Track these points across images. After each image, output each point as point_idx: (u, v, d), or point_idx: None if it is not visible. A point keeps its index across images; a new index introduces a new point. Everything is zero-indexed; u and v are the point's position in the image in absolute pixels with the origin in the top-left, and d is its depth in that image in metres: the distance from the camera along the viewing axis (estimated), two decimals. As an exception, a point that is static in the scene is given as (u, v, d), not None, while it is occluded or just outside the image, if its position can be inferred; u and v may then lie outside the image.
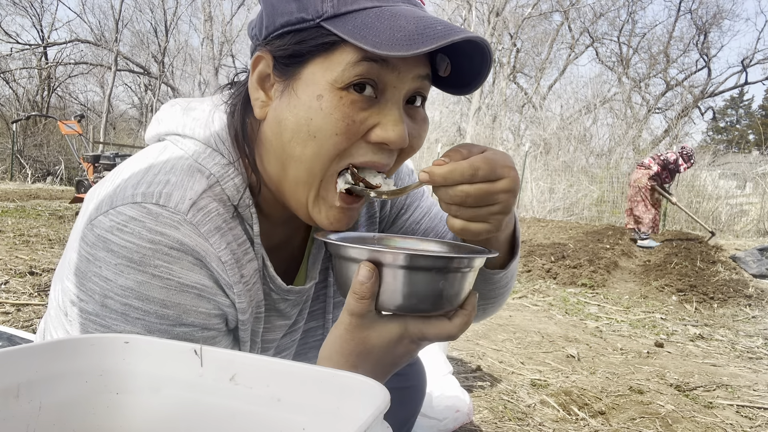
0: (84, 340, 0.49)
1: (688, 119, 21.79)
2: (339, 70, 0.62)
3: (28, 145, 15.16)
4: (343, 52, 0.62)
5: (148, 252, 0.61)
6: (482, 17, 20.83)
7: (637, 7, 23.19)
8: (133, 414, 0.49)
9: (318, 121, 0.63)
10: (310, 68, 0.64)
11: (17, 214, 6.79)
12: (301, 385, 0.45)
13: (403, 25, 0.59)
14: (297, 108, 0.64)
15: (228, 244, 0.67)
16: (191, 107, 0.76)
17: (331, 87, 0.63)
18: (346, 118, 0.63)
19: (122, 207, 0.63)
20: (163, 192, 0.64)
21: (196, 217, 0.64)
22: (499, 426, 2.02)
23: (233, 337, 0.74)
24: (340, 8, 0.61)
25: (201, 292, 0.65)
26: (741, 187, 13.57)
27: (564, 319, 3.71)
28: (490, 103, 20.58)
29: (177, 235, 0.63)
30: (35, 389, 0.45)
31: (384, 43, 0.57)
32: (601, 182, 13.69)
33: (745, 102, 32.24)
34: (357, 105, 0.63)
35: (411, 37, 0.58)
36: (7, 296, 3.14)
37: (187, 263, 0.63)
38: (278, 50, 0.65)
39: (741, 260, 6.45)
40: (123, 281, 0.62)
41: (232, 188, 0.70)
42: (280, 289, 0.78)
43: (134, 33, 23.83)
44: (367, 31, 0.59)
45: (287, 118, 0.65)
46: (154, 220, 0.62)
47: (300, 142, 0.65)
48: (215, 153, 0.71)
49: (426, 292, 0.62)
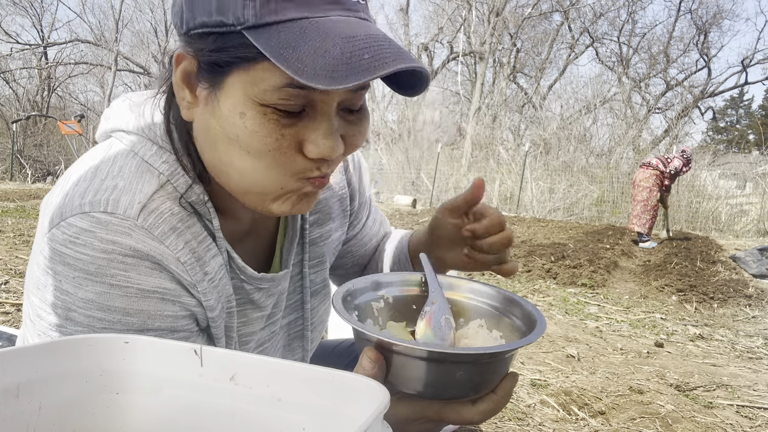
0: (84, 340, 0.49)
1: (688, 119, 21.79)
2: (262, 88, 0.57)
3: (28, 145, 15.16)
4: (266, 69, 0.56)
5: (103, 262, 0.60)
6: (482, 17, 20.84)
7: (637, 7, 23.16)
8: (133, 414, 0.49)
9: (245, 139, 0.59)
10: (231, 78, 0.59)
11: (17, 214, 6.79)
12: (301, 385, 0.45)
13: (328, 49, 0.53)
14: (222, 120, 0.60)
15: (186, 243, 0.66)
16: (136, 102, 0.73)
17: (253, 103, 0.58)
18: (273, 134, 0.59)
19: (72, 218, 0.61)
20: (110, 199, 0.62)
21: (147, 221, 0.62)
22: (499, 426, 2.03)
23: (207, 335, 0.72)
24: (263, 18, 0.55)
25: (164, 296, 0.63)
26: (741, 187, 13.57)
27: (564, 319, 3.71)
28: (490, 103, 20.59)
29: (129, 242, 0.61)
30: (35, 389, 0.45)
31: (306, 71, 0.52)
32: (601, 182, 13.70)
33: (745, 102, 32.26)
34: (282, 121, 0.59)
35: (335, 67, 0.52)
36: (7, 296, 3.14)
37: (145, 269, 0.62)
38: (199, 53, 0.60)
39: (741, 260, 6.45)
40: (83, 294, 0.61)
41: (185, 185, 0.67)
42: (252, 278, 0.76)
43: (134, 33, 23.85)
44: (290, 52, 0.53)
45: (214, 128, 0.62)
46: (104, 229, 0.60)
47: (235, 155, 0.61)
48: (162, 150, 0.68)
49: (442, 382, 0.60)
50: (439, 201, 14.99)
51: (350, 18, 0.58)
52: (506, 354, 0.62)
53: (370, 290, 0.76)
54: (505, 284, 4.76)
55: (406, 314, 0.76)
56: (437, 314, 0.69)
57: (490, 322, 0.74)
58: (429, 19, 25.23)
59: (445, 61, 23.27)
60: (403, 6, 23.50)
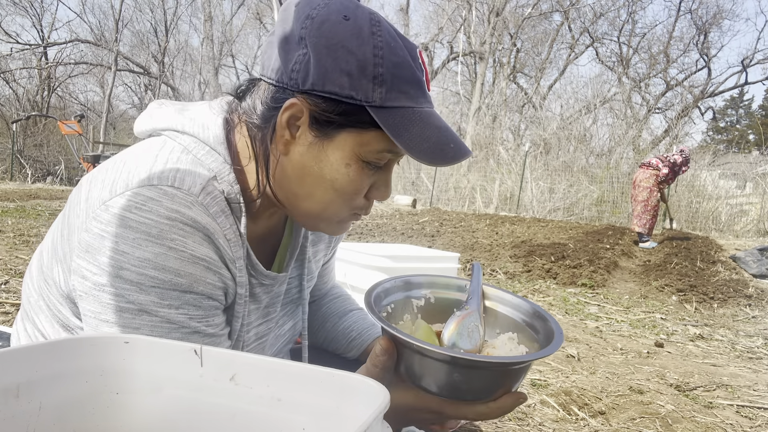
0: (84, 340, 0.49)
1: (688, 119, 21.79)
2: (368, 149, 0.75)
3: (28, 145, 15.17)
4: (375, 137, 0.74)
5: (166, 227, 0.69)
6: (482, 17, 20.84)
7: (637, 7, 23.18)
8: (133, 414, 0.49)
9: (342, 183, 0.77)
10: (343, 135, 0.75)
11: (17, 214, 6.79)
12: (301, 385, 0.45)
13: (429, 135, 0.73)
14: (324, 164, 0.76)
15: (231, 226, 0.77)
16: (184, 108, 0.84)
17: (357, 158, 0.76)
18: (363, 183, 0.78)
19: (139, 189, 0.70)
20: (177, 176, 0.72)
21: (206, 200, 0.73)
22: (499, 426, 2.03)
23: (227, 315, 0.82)
24: (386, 102, 0.73)
25: (209, 265, 0.73)
26: (741, 187, 13.58)
27: (564, 319, 3.71)
28: (490, 103, 20.59)
29: (191, 213, 0.70)
30: (35, 389, 0.45)
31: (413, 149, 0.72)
32: (601, 182, 13.70)
33: (745, 102, 32.26)
34: (370, 173, 0.78)
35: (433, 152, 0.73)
36: (7, 296, 3.14)
37: (199, 238, 0.71)
38: (318, 111, 0.74)
39: (741, 260, 6.45)
40: (140, 253, 0.68)
41: (228, 183, 0.78)
42: (260, 274, 0.86)
43: (134, 33, 23.85)
44: (402, 132, 0.72)
45: (312, 167, 0.77)
46: (170, 200, 0.70)
47: (321, 190, 0.78)
48: (212, 151, 0.78)
49: (442, 381, 0.67)
50: (439, 201, 15.00)
51: (432, 110, 0.78)
52: (505, 367, 0.67)
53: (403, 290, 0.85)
54: (505, 284, 4.76)
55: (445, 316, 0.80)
56: (468, 320, 0.75)
57: (522, 336, 0.80)
58: (429, 19, 25.23)
59: (445, 61, 23.27)
60: (403, 6, 23.50)
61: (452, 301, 0.85)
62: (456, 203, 14.98)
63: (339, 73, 0.71)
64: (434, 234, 7.94)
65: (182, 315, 0.71)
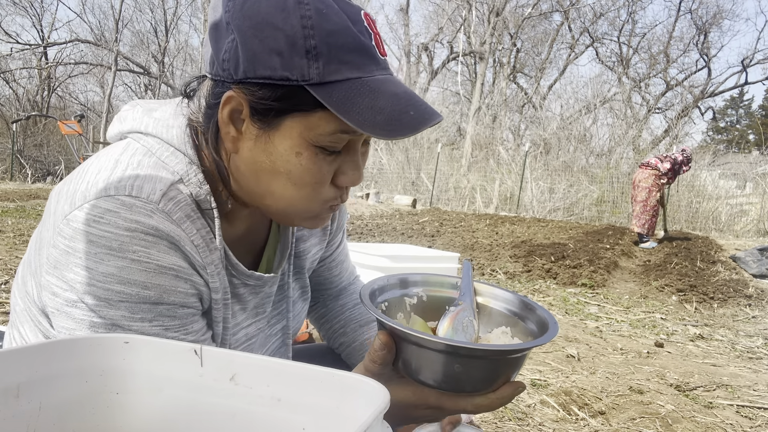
0: (84, 340, 0.49)
1: (688, 119, 21.79)
2: (317, 132, 0.68)
3: (28, 145, 15.17)
4: (322, 118, 0.67)
5: (126, 239, 0.65)
6: (482, 17, 20.85)
7: (637, 7, 23.18)
8: (133, 414, 0.49)
9: (297, 174, 0.70)
10: (288, 122, 0.68)
11: (17, 214, 6.79)
12: (301, 385, 0.45)
13: (382, 106, 0.66)
14: (274, 156, 0.70)
15: (198, 230, 0.73)
16: (152, 108, 0.80)
17: (307, 144, 0.69)
18: (321, 170, 0.71)
19: (96, 200, 0.67)
20: (134, 185, 0.68)
21: (167, 206, 0.69)
22: (499, 426, 2.03)
23: (207, 318, 0.78)
24: (326, 77, 0.65)
25: (178, 273, 0.69)
26: (741, 187, 13.57)
27: (564, 319, 3.71)
28: (490, 103, 20.59)
29: (151, 222, 0.67)
30: (35, 389, 0.45)
31: (365, 124, 0.65)
32: (601, 182, 13.70)
33: (745, 102, 32.25)
34: (327, 158, 0.71)
35: (388, 122, 0.65)
36: (7, 296, 3.14)
37: (163, 247, 0.68)
38: (256, 100, 0.68)
39: (741, 260, 6.45)
40: (104, 268, 0.65)
41: (195, 185, 0.74)
42: (242, 274, 0.82)
43: (134, 33, 23.83)
44: (350, 107, 0.65)
45: (263, 162, 0.71)
46: (128, 210, 0.66)
47: (279, 185, 0.72)
48: (177, 152, 0.75)
49: (442, 373, 0.66)
50: (439, 201, 15.00)
51: (387, 76, 0.70)
52: (504, 355, 0.66)
53: (398, 288, 0.83)
54: (506, 284, 4.76)
55: (439, 314, 0.80)
56: (462, 315, 0.75)
57: (515, 330, 0.79)
58: (429, 19, 25.23)
59: (445, 61, 23.28)
60: (403, 6, 23.50)
61: (445, 299, 0.84)
62: (456, 203, 14.98)
63: (268, 53, 0.65)
64: (434, 234, 7.94)
65: (157, 327, 0.69)
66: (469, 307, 0.76)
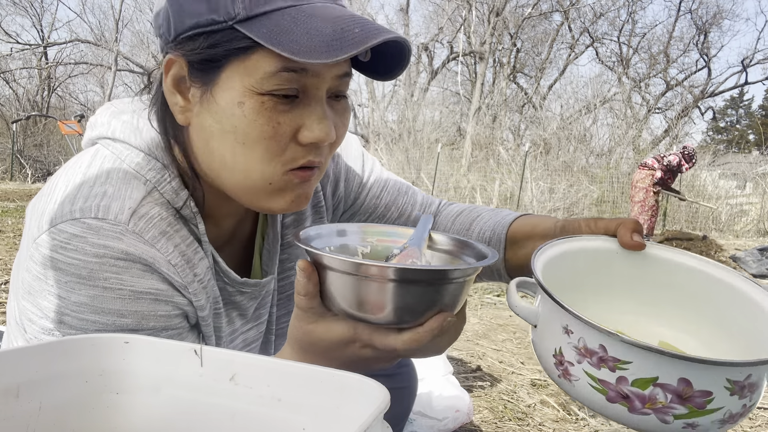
0: (84, 340, 0.49)
1: (688, 119, 21.79)
2: (258, 77, 0.61)
3: (28, 145, 15.17)
4: (260, 58, 0.60)
5: (95, 266, 0.61)
6: (482, 17, 20.84)
7: (637, 7, 23.14)
8: (133, 414, 0.49)
9: (243, 128, 0.62)
10: (226, 72, 0.62)
11: (17, 214, 6.79)
12: (301, 385, 0.45)
13: (320, 28, 0.58)
14: (218, 114, 0.63)
15: (176, 246, 0.67)
16: (121, 110, 0.75)
17: (251, 92, 0.61)
18: (271, 122, 0.62)
19: (62, 225, 0.62)
20: (101, 205, 0.63)
21: (138, 226, 0.64)
22: (499, 426, 2.03)
23: (197, 332, 0.74)
24: (253, 9, 0.59)
25: (157, 297, 0.65)
26: (741, 187, 13.57)
27: (564, 319, 3.71)
28: (490, 103, 20.59)
29: (121, 245, 0.62)
30: (35, 389, 0.45)
31: (302, 50, 0.56)
32: (601, 182, 13.70)
33: (745, 102, 32.25)
34: (279, 108, 0.62)
35: (329, 43, 0.57)
36: (7, 296, 3.14)
37: (137, 271, 0.63)
38: (191, 54, 0.62)
39: (741, 260, 6.45)
40: (76, 297, 0.61)
41: (170, 192, 0.69)
42: (235, 282, 0.78)
43: (134, 33, 23.82)
44: (283, 36, 0.57)
45: (211, 125, 0.64)
46: (95, 235, 0.61)
47: (228, 149, 0.64)
48: (148, 157, 0.69)
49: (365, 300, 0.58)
50: (439, 201, 14.97)
51: (333, 5, 0.63)
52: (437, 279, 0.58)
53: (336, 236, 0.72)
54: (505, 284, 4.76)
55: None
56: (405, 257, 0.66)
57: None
58: (429, 19, 25.22)
59: (445, 61, 23.27)
60: (403, 6, 23.50)
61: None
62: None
63: (193, 2, 0.60)
64: (434, 234, 7.93)
65: None
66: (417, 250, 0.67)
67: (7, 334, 0.87)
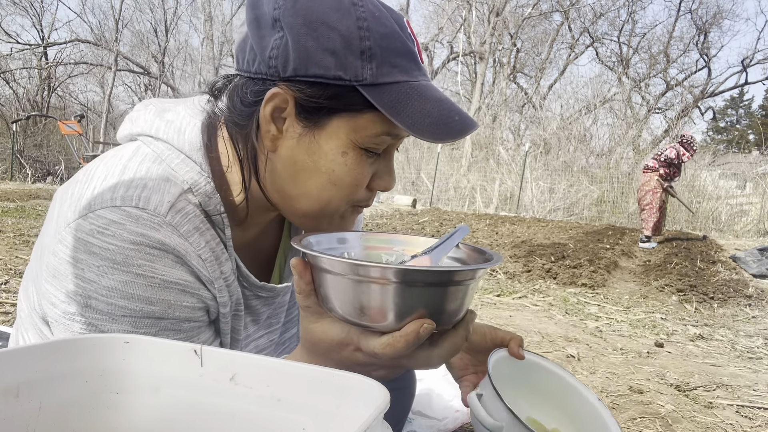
0: (84, 340, 0.49)
1: (688, 119, 21.78)
2: (364, 134, 0.68)
3: (28, 145, 15.17)
4: (371, 120, 0.67)
5: (131, 253, 0.63)
6: (482, 17, 20.84)
7: (637, 7, 23.16)
8: (133, 414, 0.49)
9: (340, 174, 0.70)
10: (335, 122, 0.68)
11: (17, 214, 6.79)
12: (301, 385, 0.45)
13: (429, 110, 0.66)
14: (317, 155, 0.69)
15: (207, 243, 0.71)
16: (165, 109, 0.77)
17: (354, 145, 0.69)
18: (363, 172, 0.71)
19: (102, 211, 0.64)
20: (142, 196, 0.66)
21: (174, 219, 0.67)
22: (499, 426, 2.02)
23: (215, 329, 0.76)
24: (378, 78, 0.66)
25: (184, 288, 0.68)
26: (741, 187, 13.57)
27: (564, 319, 3.71)
28: (490, 103, 20.59)
29: (158, 236, 0.65)
30: (35, 389, 0.45)
31: (415, 126, 0.65)
32: (601, 182, 13.70)
33: (745, 102, 32.24)
34: (368, 161, 0.71)
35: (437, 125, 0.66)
36: (7, 296, 3.14)
37: (169, 261, 0.66)
38: (304, 96, 0.67)
39: (741, 260, 6.45)
40: (107, 282, 0.63)
41: (203, 195, 0.72)
42: (253, 286, 0.81)
43: (134, 33, 23.82)
44: (401, 109, 0.65)
45: (305, 161, 0.70)
46: (134, 223, 0.64)
47: (318, 186, 0.71)
48: (188, 159, 0.72)
49: (345, 299, 0.59)
50: (439, 201, 15.00)
51: (428, 82, 0.71)
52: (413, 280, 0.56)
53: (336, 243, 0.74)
54: (505, 284, 4.76)
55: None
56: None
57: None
58: (429, 19, 25.23)
59: (445, 61, 23.27)
60: (403, 6, 23.49)
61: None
62: (456, 203, 14.98)
63: (322, 52, 0.64)
64: (434, 234, 7.94)
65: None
66: (428, 261, 0.67)
67: (14, 332, 0.87)
